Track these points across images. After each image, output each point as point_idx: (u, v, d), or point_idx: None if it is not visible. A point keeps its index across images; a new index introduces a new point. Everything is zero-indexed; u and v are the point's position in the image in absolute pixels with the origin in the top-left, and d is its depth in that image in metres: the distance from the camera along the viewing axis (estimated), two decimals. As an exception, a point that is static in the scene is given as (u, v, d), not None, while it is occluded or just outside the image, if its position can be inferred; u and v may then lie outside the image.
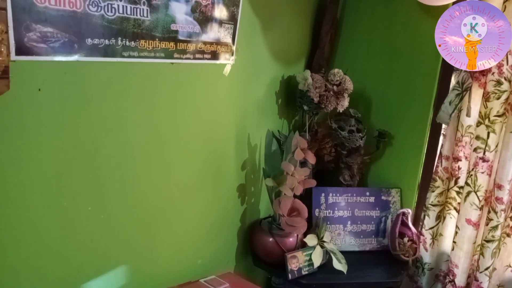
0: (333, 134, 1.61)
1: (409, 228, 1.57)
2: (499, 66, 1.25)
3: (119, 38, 0.88)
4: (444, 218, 1.50)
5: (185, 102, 1.12)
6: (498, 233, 1.31)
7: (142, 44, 0.93)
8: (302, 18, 1.59)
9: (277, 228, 1.44)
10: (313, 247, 1.46)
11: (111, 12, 0.85)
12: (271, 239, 1.44)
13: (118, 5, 0.86)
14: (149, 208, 1.08)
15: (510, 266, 1.39)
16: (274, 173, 1.43)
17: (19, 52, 0.71)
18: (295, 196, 1.40)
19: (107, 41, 0.85)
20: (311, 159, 1.41)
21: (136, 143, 1.00)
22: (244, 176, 1.45)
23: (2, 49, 0.66)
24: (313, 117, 1.60)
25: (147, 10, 0.92)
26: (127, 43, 0.90)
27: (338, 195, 1.65)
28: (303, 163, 1.45)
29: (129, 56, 0.91)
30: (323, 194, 1.63)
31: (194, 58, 1.10)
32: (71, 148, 0.85)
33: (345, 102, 1.52)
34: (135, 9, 0.89)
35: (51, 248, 0.85)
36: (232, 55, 1.23)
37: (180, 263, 1.24)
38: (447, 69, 1.48)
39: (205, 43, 1.11)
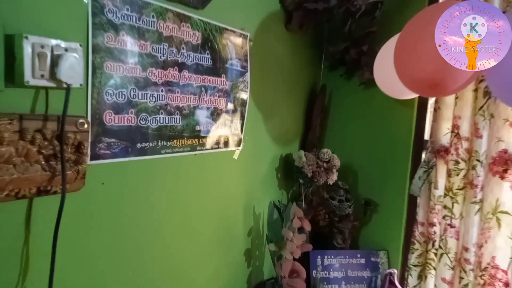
0: (326, 203, 1.87)
1: (396, 287, 1.77)
2: (456, 148, 1.54)
3: (159, 141, 1.18)
4: (426, 277, 1.70)
5: (204, 182, 1.40)
6: (469, 290, 1.51)
7: (175, 143, 1.23)
8: (296, 106, 1.92)
9: (279, 288, 1.64)
10: (312, 306, 1.65)
11: (155, 123, 1.15)
12: (274, 299, 1.63)
13: (160, 118, 1.17)
14: (175, 271, 1.31)
15: (486, 322, 1.57)
16: (276, 239, 1.66)
17: (92, 158, 1.00)
18: (294, 259, 1.62)
19: (150, 144, 1.15)
20: (307, 227, 1.65)
21: (167, 218, 1.26)
22: (250, 241, 1.68)
23: (85, 159, 0.94)
24: (308, 188, 1.87)
25: (179, 118, 1.23)
26: (165, 143, 1.19)
27: (332, 257, 1.86)
28: (301, 229, 1.69)
29: (165, 153, 1.20)
30: (319, 257, 1.84)
31: (212, 149, 1.39)
32: (121, 226, 1.10)
33: (334, 176, 1.80)
34: (171, 118, 1.20)
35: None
36: (241, 143, 1.54)
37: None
38: (419, 148, 1.78)
39: (220, 136, 1.42)
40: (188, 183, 1.32)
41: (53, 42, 0.84)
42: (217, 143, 1.42)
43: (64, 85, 0.85)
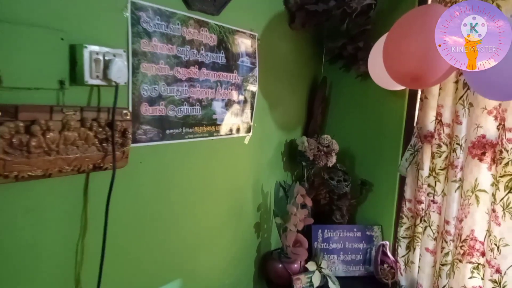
0: (326, 183, 2.10)
1: (388, 257, 2.00)
2: (439, 133, 1.75)
3: (183, 128, 1.41)
4: (414, 248, 1.94)
5: (219, 163, 1.63)
6: (450, 258, 1.74)
7: (195, 130, 1.46)
8: (299, 96, 2.14)
9: (284, 257, 1.89)
10: (313, 272, 1.89)
11: (180, 113, 1.38)
12: (280, 265, 1.88)
13: (184, 108, 1.40)
14: (192, 242, 1.54)
15: (465, 287, 1.80)
16: (281, 214, 1.90)
17: (132, 142, 1.23)
18: (298, 231, 1.86)
19: (177, 130, 1.38)
20: (309, 202, 1.88)
21: (190, 193, 1.50)
22: (259, 216, 1.92)
23: (129, 142, 1.18)
24: (310, 170, 2.10)
25: (199, 108, 1.46)
26: (188, 130, 1.43)
27: (332, 231, 2.10)
28: (303, 206, 1.92)
29: (188, 138, 1.44)
30: (320, 230, 2.08)
31: (226, 135, 1.62)
32: (154, 195, 1.35)
33: (333, 159, 2.02)
34: (192, 109, 1.43)
35: (137, 266, 1.32)
36: (250, 129, 1.77)
37: (214, 282, 1.68)
38: (409, 133, 1.99)
39: (233, 124, 1.65)
40: (206, 164, 1.56)
41: (105, 49, 1.06)
42: (230, 130, 1.64)
43: (113, 83, 1.08)
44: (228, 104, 1.60)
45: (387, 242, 2.02)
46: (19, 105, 0.92)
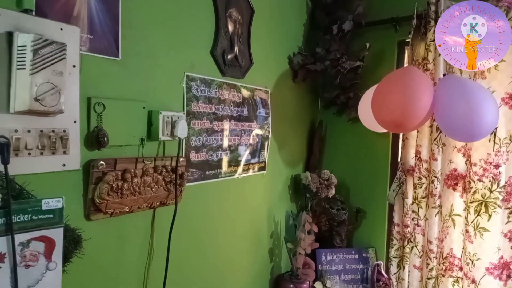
0: (327, 212, 2.44)
1: (383, 275, 2.32)
2: (419, 168, 2.14)
3: (218, 169, 1.74)
4: (404, 267, 2.27)
5: (242, 197, 1.95)
6: (434, 273, 2.08)
7: (226, 170, 1.79)
8: (300, 137, 2.51)
9: (295, 278, 2.18)
10: (320, 290, 2.19)
11: (216, 157, 1.72)
12: (292, 286, 2.17)
13: (219, 153, 1.73)
14: (219, 265, 1.83)
15: (448, 297, 2.14)
16: (291, 239, 2.22)
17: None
18: (306, 254, 2.17)
19: (213, 171, 1.71)
20: (315, 229, 2.21)
21: (221, 221, 1.80)
22: (272, 242, 2.22)
23: (184, 183, 1.49)
24: (312, 201, 2.43)
25: (229, 153, 1.80)
26: (221, 170, 1.75)
27: (333, 254, 2.41)
28: (309, 232, 2.24)
29: (221, 177, 1.76)
30: (323, 254, 2.40)
31: (247, 173, 1.96)
32: (198, 225, 1.64)
33: (333, 191, 2.37)
34: (224, 153, 1.77)
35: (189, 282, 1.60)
36: (265, 167, 2.11)
37: (238, 301, 1.96)
38: (394, 167, 2.38)
39: (253, 164, 1.99)
40: (233, 198, 1.88)
41: (171, 113, 1.40)
42: (252, 169, 1.98)
43: (177, 138, 1.41)
44: (250, 147, 1.95)
45: (381, 262, 2.35)
46: (117, 158, 1.24)
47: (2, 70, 0.99)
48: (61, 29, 1.09)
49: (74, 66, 1.12)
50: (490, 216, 1.96)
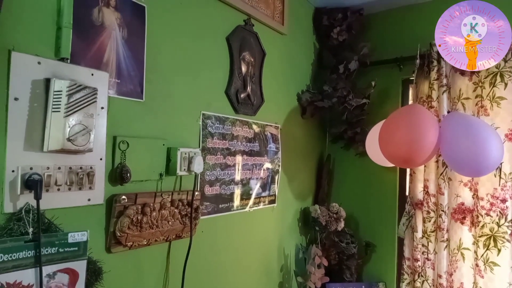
0: (336, 245, 2.45)
1: (394, 310, 2.31)
2: (427, 202, 2.18)
3: (230, 202, 1.80)
4: (415, 301, 2.26)
5: (253, 230, 1.99)
6: (446, 307, 2.07)
7: (238, 203, 1.85)
8: (309, 170, 2.57)
9: (305, 312, 2.17)
10: (330, 325, 2.17)
11: (229, 191, 1.78)
12: (302, 320, 2.16)
13: (231, 187, 1.80)
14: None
15: (463, 333, 2.11)
16: (301, 273, 2.23)
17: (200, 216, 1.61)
18: (316, 288, 2.18)
19: (226, 205, 1.77)
20: (325, 262, 2.22)
21: (232, 253, 1.84)
22: (282, 276, 2.24)
23: (199, 216, 1.55)
24: (322, 234, 2.46)
25: (241, 186, 1.86)
26: (233, 204, 1.81)
27: (343, 288, 2.41)
28: (319, 265, 2.25)
29: (233, 210, 1.82)
30: (333, 288, 2.39)
31: (258, 206, 2.01)
32: (210, 260, 1.68)
33: (342, 224, 2.40)
34: (236, 187, 1.83)
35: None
36: (275, 200, 2.16)
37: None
38: (402, 200, 2.41)
39: (264, 197, 2.04)
40: (244, 230, 1.92)
41: (188, 150, 1.49)
42: (262, 202, 2.04)
43: (193, 173, 1.49)
44: (260, 181, 2.01)
45: (392, 297, 2.33)
46: (138, 193, 1.31)
47: (39, 112, 1.09)
48: (92, 74, 1.20)
49: (102, 108, 1.22)
50: (499, 250, 1.97)
